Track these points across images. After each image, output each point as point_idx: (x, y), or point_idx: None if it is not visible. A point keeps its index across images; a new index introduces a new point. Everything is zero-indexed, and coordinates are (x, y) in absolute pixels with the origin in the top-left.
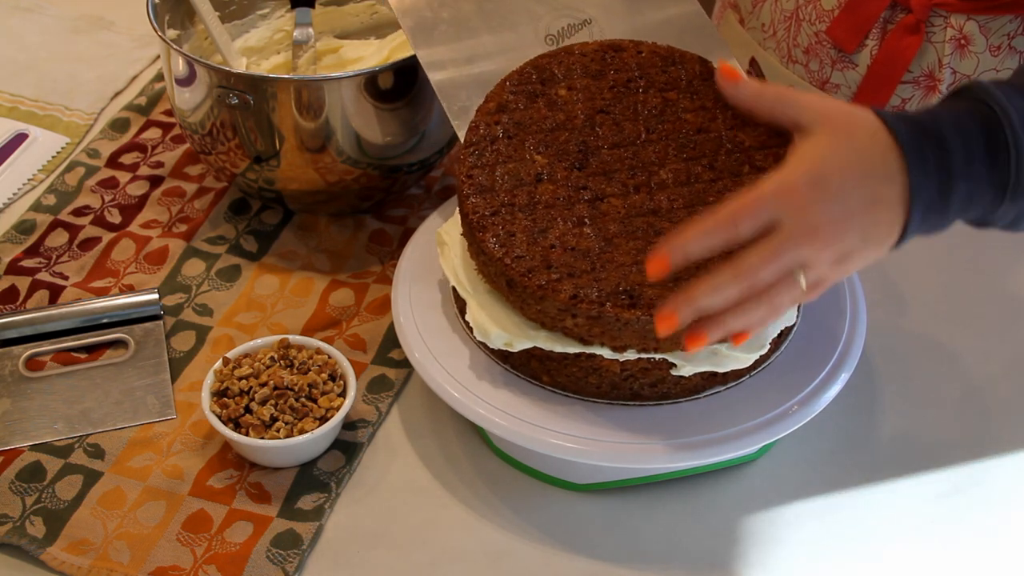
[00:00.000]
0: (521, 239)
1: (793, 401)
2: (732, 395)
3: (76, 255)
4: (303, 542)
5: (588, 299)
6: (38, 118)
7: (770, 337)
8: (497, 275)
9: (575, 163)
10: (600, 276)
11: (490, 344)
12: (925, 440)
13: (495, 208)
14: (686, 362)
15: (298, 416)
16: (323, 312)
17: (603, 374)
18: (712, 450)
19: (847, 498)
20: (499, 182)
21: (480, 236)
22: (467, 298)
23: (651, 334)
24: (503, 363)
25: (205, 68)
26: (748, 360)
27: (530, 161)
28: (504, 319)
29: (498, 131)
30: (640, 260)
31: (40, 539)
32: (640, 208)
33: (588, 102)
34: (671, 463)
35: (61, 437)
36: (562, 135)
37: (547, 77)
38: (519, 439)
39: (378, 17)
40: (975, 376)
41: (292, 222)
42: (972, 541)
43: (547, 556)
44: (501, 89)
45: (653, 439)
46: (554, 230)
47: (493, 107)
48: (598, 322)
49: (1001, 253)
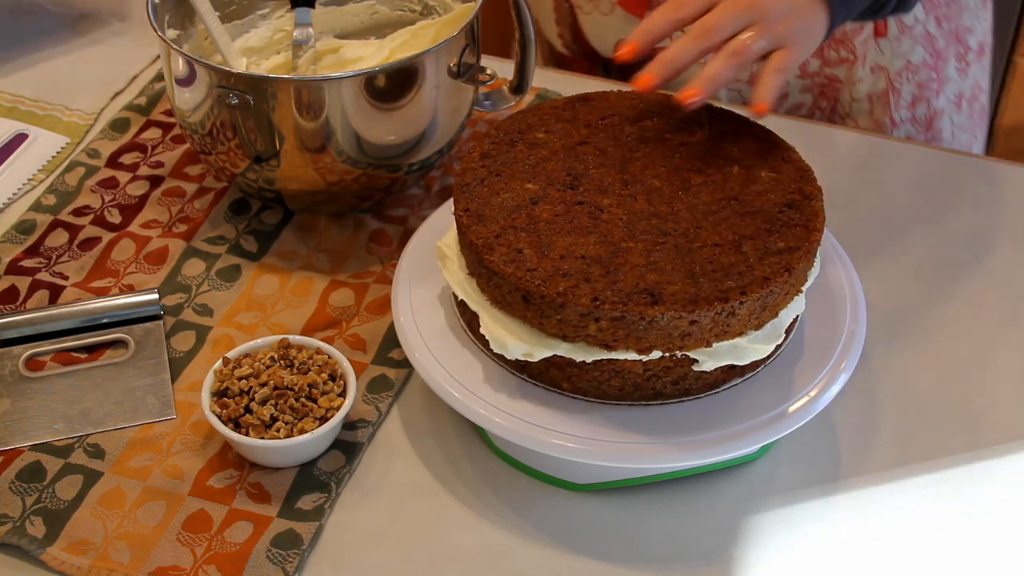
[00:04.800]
0: (529, 254)
1: (793, 401)
2: (732, 395)
3: (76, 255)
4: (303, 542)
5: (610, 300)
6: (38, 118)
7: (784, 326)
8: (511, 292)
9: (567, 185)
10: (616, 279)
11: (508, 356)
12: (925, 440)
13: (497, 232)
14: (708, 357)
15: (298, 416)
16: (323, 312)
17: (626, 376)
18: (712, 450)
19: (847, 498)
20: (496, 210)
21: (488, 258)
22: (479, 311)
23: (677, 331)
24: (519, 373)
25: (205, 68)
26: (766, 351)
27: (522, 189)
28: (520, 330)
29: (485, 173)
30: (653, 261)
31: (40, 539)
32: (641, 213)
33: (567, 139)
34: (671, 463)
35: (61, 437)
36: (548, 165)
37: (522, 128)
38: (519, 439)
39: (378, 17)
40: (975, 376)
41: (292, 222)
42: (972, 541)
43: (547, 556)
44: (480, 142)
45: (653, 439)
46: (560, 243)
47: (476, 155)
48: (622, 323)
49: (1002, 253)
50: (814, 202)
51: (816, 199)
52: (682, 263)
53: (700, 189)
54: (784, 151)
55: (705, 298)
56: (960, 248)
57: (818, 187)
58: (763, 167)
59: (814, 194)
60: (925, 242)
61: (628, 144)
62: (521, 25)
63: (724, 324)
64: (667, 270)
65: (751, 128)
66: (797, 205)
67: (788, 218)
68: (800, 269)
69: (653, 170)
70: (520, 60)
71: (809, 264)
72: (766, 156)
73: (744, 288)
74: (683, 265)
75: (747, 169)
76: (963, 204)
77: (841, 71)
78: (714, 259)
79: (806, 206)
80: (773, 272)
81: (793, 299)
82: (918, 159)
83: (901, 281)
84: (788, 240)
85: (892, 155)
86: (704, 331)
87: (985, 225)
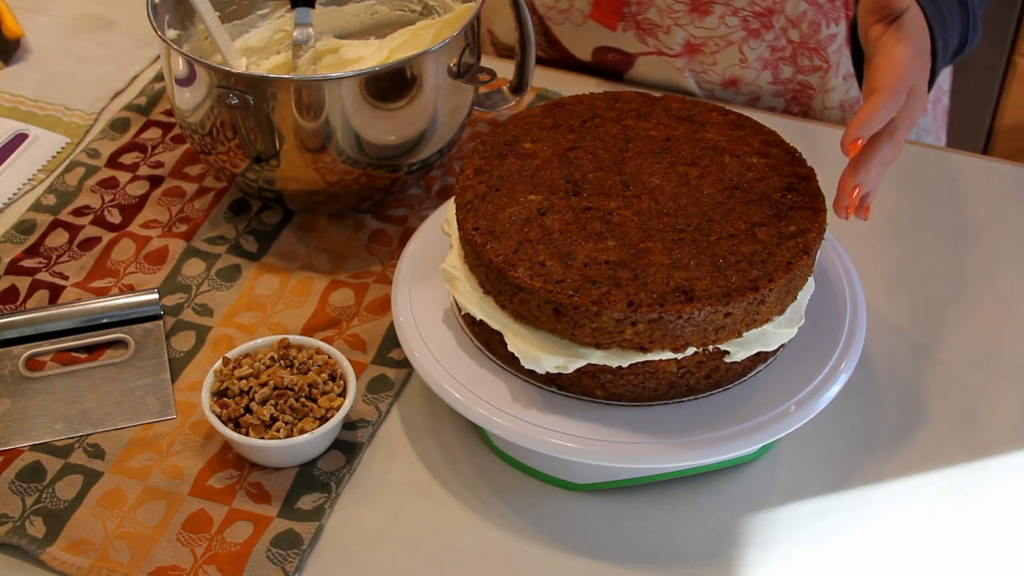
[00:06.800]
0: (553, 266)
1: (793, 401)
2: (732, 395)
3: (76, 255)
4: (303, 542)
5: (645, 303)
6: (38, 118)
7: (803, 308)
8: (540, 306)
9: (570, 192)
10: (646, 281)
11: (539, 370)
12: (925, 440)
13: (514, 247)
14: (739, 347)
15: (298, 416)
16: (323, 312)
17: (660, 376)
18: (712, 450)
19: (847, 498)
20: (507, 225)
21: (512, 275)
22: (502, 330)
23: (712, 325)
24: (548, 386)
25: (205, 68)
26: (791, 334)
27: (526, 202)
28: (549, 343)
29: (483, 189)
30: (676, 259)
31: (40, 539)
32: (650, 212)
33: (555, 146)
34: (671, 463)
35: (61, 437)
36: (545, 174)
37: (508, 139)
38: (519, 439)
39: (378, 17)
40: (975, 376)
41: (292, 222)
42: (972, 541)
43: (547, 556)
44: (471, 160)
45: (653, 439)
46: (580, 251)
47: (471, 173)
48: (659, 324)
49: (1002, 254)
50: (812, 183)
51: (812, 180)
52: (705, 257)
53: (700, 182)
54: (766, 135)
55: (736, 289)
56: (960, 248)
57: (810, 168)
58: (752, 153)
59: (809, 175)
60: (925, 242)
61: (617, 145)
62: (521, 25)
63: (754, 313)
64: (692, 266)
65: (728, 116)
66: (796, 188)
67: (792, 201)
68: (815, 250)
69: (649, 168)
70: (520, 60)
71: (820, 244)
72: (751, 142)
73: (771, 275)
74: (706, 259)
75: (738, 157)
76: (963, 204)
77: (815, 78)
78: (734, 250)
79: (805, 188)
80: (793, 256)
81: (807, 281)
82: (917, 159)
83: (901, 281)
84: (798, 223)
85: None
86: (737, 322)
87: (985, 225)
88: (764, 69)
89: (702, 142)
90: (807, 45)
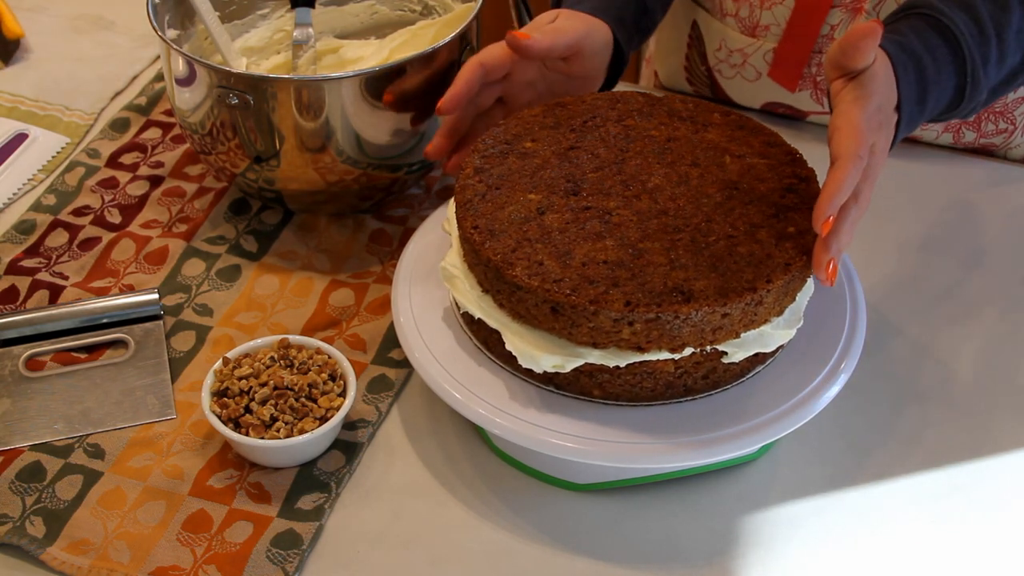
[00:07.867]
0: (551, 265)
1: (793, 401)
2: (732, 395)
3: (76, 255)
4: (303, 542)
5: (643, 303)
6: (38, 118)
7: (802, 309)
8: (537, 305)
9: (569, 192)
10: (644, 281)
11: (537, 369)
12: (925, 440)
13: (513, 246)
14: (737, 348)
15: (298, 416)
16: (323, 312)
17: (658, 376)
18: (712, 450)
19: (847, 498)
20: (506, 224)
21: (510, 274)
22: (500, 328)
23: (709, 326)
24: (546, 386)
25: (205, 68)
26: (789, 335)
27: (526, 201)
28: (547, 342)
29: (484, 188)
30: (674, 259)
31: (40, 539)
32: (649, 212)
33: (555, 146)
34: (671, 463)
35: (61, 437)
36: (545, 174)
37: (508, 138)
38: (519, 439)
39: (378, 17)
40: (974, 376)
41: (292, 222)
42: (972, 541)
43: (547, 556)
44: (471, 158)
45: (653, 439)
46: (579, 250)
47: (471, 171)
48: (656, 324)
49: (1002, 254)
50: (811, 184)
51: (812, 181)
52: (703, 257)
53: (700, 182)
54: (767, 136)
55: (734, 290)
56: (960, 248)
57: (810, 169)
58: (752, 154)
59: (809, 176)
60: (925, 242)
61: (617, 145)
62: (520, 25)
63: (752, 313)
64: (690, 266)
65: (730, 117)
66: (796, 189)
67: (791, 202)
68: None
69: (649, 168)
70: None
71: None
72: (752, 143)
73: (769, 276)
74: (704, 260)
75: (739, 158)
76: (963, 204)
77: (998, 139)
78: (732, 250)
79: (804, 189)
80: (792, 257)
81: (806, 282)
82: (918, 159)
83: (901, 281)
84: (797, 224)
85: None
86: (734, 323)
87: (985, 225)
88: (945, 131)
89: (703, 143)
90: (993, 109)
